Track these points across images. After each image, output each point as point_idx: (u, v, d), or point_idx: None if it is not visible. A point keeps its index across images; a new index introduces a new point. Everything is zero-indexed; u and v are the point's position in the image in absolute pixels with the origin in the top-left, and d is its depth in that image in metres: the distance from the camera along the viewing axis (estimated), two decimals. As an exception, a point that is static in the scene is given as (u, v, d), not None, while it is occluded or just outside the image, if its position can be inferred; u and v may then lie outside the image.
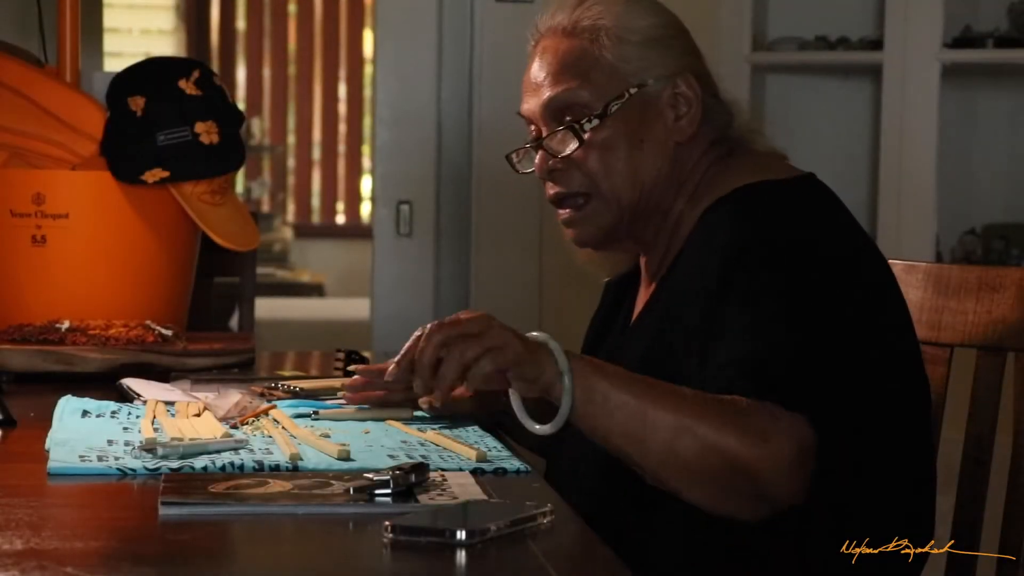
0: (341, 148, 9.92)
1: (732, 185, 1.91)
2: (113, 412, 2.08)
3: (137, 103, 2.66)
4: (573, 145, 1.94)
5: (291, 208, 9.96)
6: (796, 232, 1.85)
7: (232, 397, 2.08)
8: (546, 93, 1.96)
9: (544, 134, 1.97)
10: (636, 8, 1.98)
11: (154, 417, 2.00)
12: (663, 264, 1.98)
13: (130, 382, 2.27)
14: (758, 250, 1.82)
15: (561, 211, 1.99)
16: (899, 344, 1.89)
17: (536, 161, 1.98)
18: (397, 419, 2.04)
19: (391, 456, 1.83)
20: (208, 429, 1.91)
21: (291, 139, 9.97)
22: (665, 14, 2.01)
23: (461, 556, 1.44)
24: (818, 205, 1.91)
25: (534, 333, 1.76)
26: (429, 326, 1.75)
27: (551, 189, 1.98)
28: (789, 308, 1.78)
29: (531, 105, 1.98)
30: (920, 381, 1.91)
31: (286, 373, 2.52)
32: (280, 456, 1.80)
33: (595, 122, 1.93)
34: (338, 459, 1.80)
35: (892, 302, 1.90)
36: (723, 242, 1.85)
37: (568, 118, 1.95)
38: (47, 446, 1.86)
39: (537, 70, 1.98)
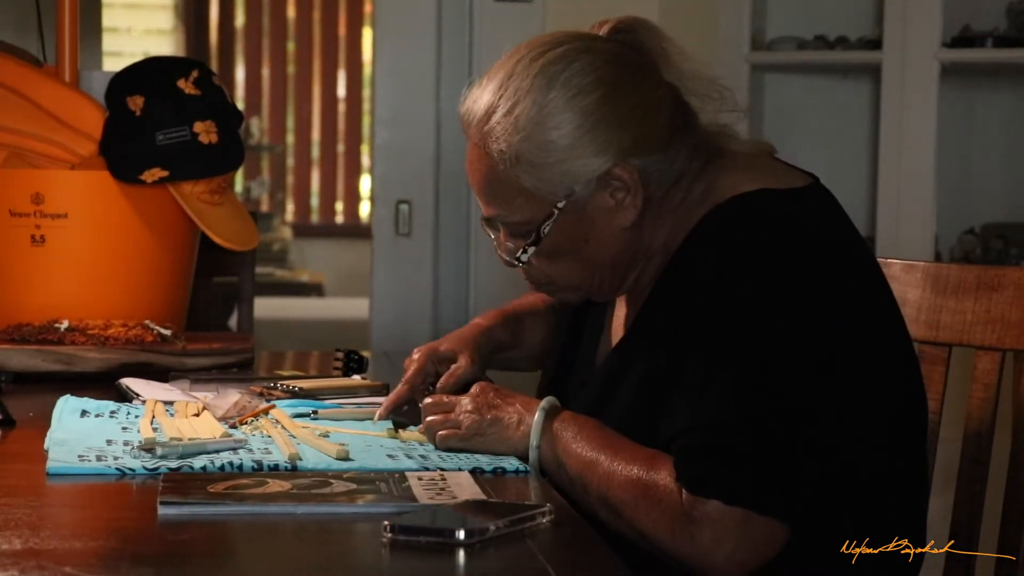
0: (340, 148, 9.92)
1: (729, 191, 1.83)
2: (112, 412, 2.08)
3: (136, 103, 2.66)
4: (519, 264, 1.91)
5: (290, 208, 9.96)
6: (785, 259, 1.77)
7: (231, 397, 2.08)
8: (482, 207, 1.90)
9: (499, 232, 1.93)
10: (549, 112, 1.81)
11: (153, 417, 2.00)
12: (652, 281, 1.90)
13: (129, 382, 2.27)
14: (735, 292, 1.76)
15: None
16: (894, 370, 1.84)
17: (499, 257, 1.95)
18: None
19: (390, 456, 1.83)
20: (207, 429, 1.91)
21: (290, 139, 9.96)
22: (581, 102, 1.81)
23: (460, 556, 1.44)
24: (816, 223, 1.83)
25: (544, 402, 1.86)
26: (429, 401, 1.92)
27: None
28: (749, 370, 1.72)
29: (479, 201, 1.93)
30: (918, 403, 1.88)
31: (285, 373, 2.52)
32: (279, 456, 1.80)
33: (531, 250, 1.88)
34: (337, 459, 1.80)
35: (888, 324, 1.85)
36: (707, 272, 1.79)
37: (509, 237, 1.90)
38: (46, 446, 1.86)
39: (468, 174, 1.90)
